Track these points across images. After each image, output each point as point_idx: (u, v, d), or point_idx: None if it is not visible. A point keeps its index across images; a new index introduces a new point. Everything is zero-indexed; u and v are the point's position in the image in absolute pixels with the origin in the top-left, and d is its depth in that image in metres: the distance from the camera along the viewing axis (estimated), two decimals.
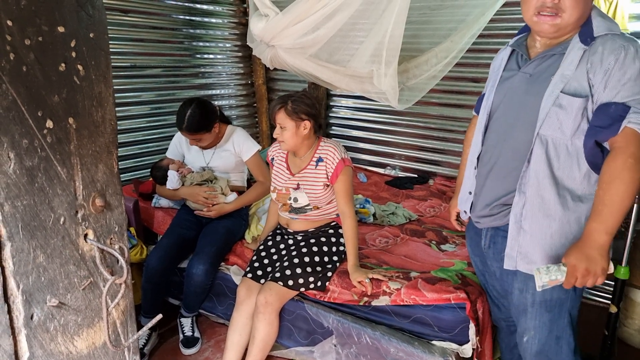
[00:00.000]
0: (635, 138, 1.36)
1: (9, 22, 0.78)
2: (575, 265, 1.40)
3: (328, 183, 2.27)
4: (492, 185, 1.65)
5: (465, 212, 1.82)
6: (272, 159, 2.47)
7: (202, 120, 2.57)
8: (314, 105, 2.26)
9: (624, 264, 2.14)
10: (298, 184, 2.31)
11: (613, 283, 2.20)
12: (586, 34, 1.44)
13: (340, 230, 2.40)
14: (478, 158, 1.71)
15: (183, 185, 2.72)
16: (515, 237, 1.57)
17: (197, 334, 2.66)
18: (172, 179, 2.70)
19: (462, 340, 2.02)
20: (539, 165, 1.50)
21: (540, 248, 1.53)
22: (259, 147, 2.79)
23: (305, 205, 2.32)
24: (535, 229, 1.53)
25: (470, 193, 1.75)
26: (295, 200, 2.31)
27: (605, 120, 1.39)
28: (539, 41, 1.55)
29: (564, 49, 1.48)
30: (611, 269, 1.44)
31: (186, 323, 2.67)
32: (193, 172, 2.77)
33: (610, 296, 2.23)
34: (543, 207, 1.51)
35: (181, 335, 2.64)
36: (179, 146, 2.86)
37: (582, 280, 1.41)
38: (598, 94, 1.41)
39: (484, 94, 1.81)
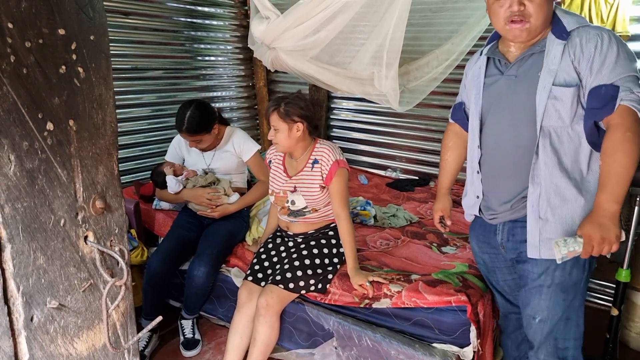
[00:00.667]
0: (629, 113, 1.46)
1: (10, 25, 0.78)
2: (591, 235, 1.49)
3: (324, 185, 2.27)
4: (506, 184, 1.71)
5: (475, 215, 1.87)
6: (270, 161, 2.47)
7: (202, 121, 2.56)
8: (308, 107, 2.25)
9: (625, 266, 2.14)
10: (295, 187, 2.31)
11: (614, 286, 2.20)
12: (560, 31, 1.57)
13: (339, 232, 2.39)
14: (479, 162, 1.76)
15: (185, 187, 2.72)
16: (535, 226, 1.63)
17: (197, 336, 2.66)
18: (172, 184, 2.69)
19: (463, 343, 2.02)
20: (546, 155, 1.58)
21: (564, 232, 1.60)
22: (258, 146, 2.79)
23: (303, 208, 2.31)
24: (555, 215, 1.60)
25: (477, 197, 1.80)
26: (293, 203, 2.31)
27: (600, 101, 1.50)
28: (514, 45, 1.66)
29: (542, 47, 1.59)
30: (623, 237, 1.51)
31: (187, 325, 2.67)
32: (198, 174, 2.77)
33: (612, 299, 2.22)
34: (559, 193, 1.59)
35: (182, 337, 2.64)
36: (179, 149, 2.86)
37: (598, 248, 1.49)
38: (586, 79, 1.52)
39: (460, 103, 1.96)
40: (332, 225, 2.41)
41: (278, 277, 2.24)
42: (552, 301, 1.66)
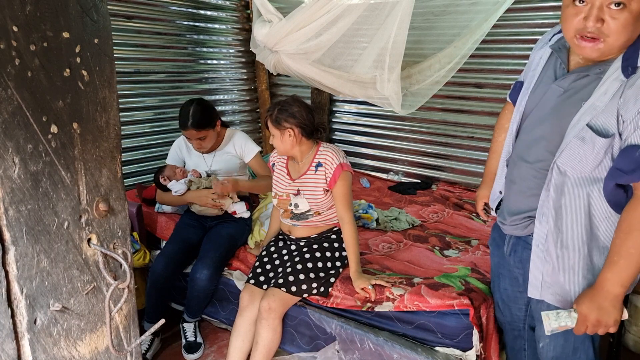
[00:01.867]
0: None
1: (15, 28, 0.79)
2: (587, 315, 1.37)
3: (327, 188, 2.27)
4: (515, 199, 1.61)
5: (493, 209, 1.80)
6: (273, 164, 2.47)
7: (206, 115, 2.58)
8: (300, 112, 2.22)
9: None
10: (298, 190, 2.31)
11: None
12: (629, 61, 1.29)
13: (342, 235, 2.39)
14: (507, 161, 1.67)
15: (189, 189, 2.73)
16: (539, 267, 1.52)
17: (199, 339, 2.65)
18: (175, 187, 2.70)
19: (466, 347, 2.01)
20: (556, 195, 1.43)
21: (565, 280, 1.49)
22: (259, 148, 2.81)
23: (306, 211, 2.31)
24: (556, 259, 1.48)
25: (500, 192, 1.72)
26: (296, 206, 2.31)
27: (629, 164, 1.28)
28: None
29: (602, 71, 1.34)
30: (625, 316, 1.40)
31: (189, 328, 2.66)
32: (201, 176, 2.78)
33: None
34: (561, 237, 1.45)
35: (183, 341, 2.64)
36: (179, 152, 2.86)
37: (593, 329, 1.38)
38: (627, 132, 1.28)
39: (521, 82, 1.69)
40: (334, 229, 2.41)
41: (280, 281, 2.24)
42: None
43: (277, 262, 2.39)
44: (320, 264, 2.28)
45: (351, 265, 2.22)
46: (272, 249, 2.45)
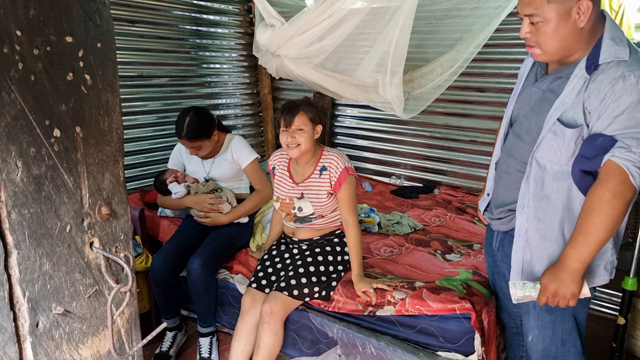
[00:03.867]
0: (615, 172, 1.35)
1: (18, 32, 0.79)
2: (547, 286, 1.47)
3: (332, 192, 2.27)
4: (501, 192, 1.70)
5: (480, 210, 1.87)
6: (274, 168, 2.46)
7: (201, 127, 2.57)
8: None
9: (631, 275, 2.12)
10: (302, 193, 2.31)
11: (621, 294, 2.18)
12: (591, 60, 1.42)
13: (345, 239, 2.39)
14: (497, 163, 1.76)
15: (188, 193, 2.73)
16: (520, 254, 1.61)
17: (214, 356, 2.55)
18: (175, 189, 2.71)
19: (468, 351, 2.01)
20: (535, 188, 1.52)
21: (540, 267, 1.57)
22: (257, 155, 2.77)
23: (310, 214, 2.31)
24: (535, 249, 1.57)
25: (487, 195, 1.81)
26: (300, 209, 2.31)
27: (590, 151, 1.40)
28: None
29: (571, 72, 1.46)
30: (585, 294, 1.48)
31: (204, 343, 2.59)
32: (199, 182, 2.78)
33: (618, 308, 2.21)
34: (539, 228, 1.54)
35: (197, 357, 2.56)
36: (179, 156, 2.87)
37: (552, 300, 1.48)
38: (592, 122, 1.40)
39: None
40: (337, 232, 2.41)
41: (282, 284, 2.24)
42: (541, 321, 1.64)
43: (279, 265, 2.39)
44: (322, 268, 2.28)
45: (353, 268, 2.22)
46: (274, 252, 2.45)
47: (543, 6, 1.37)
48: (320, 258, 2.30)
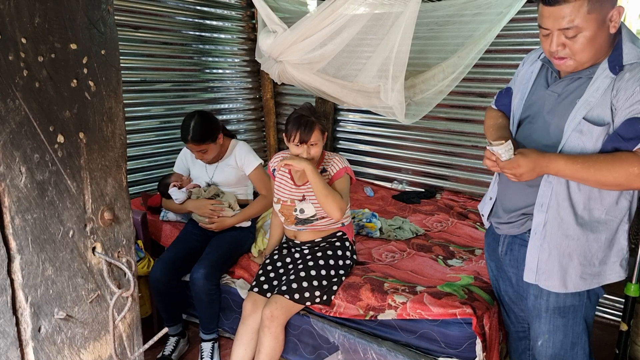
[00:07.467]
0: None
1: (23, 40, 0.80)
2: (518, 163, 1.47)
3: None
4: (514, 195, 1.70)
5: (483, 215, 1.87)
6: (274, 170, 2.47)
7: (207, 130, 2.59)
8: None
9: (634, 281, 2.11)
10: (304, 195, 2.32)
11: (624, 301, 2.17)
12: (615, 62, 1.46)
13: (346, 242, 2.40)
14: None
15: (190, 198, 2.74)
16: (535, 253, 1.61)
17: None
18: (175, 194, 2.73)
19: (469, 357, 2.00)
20: (559, 186, 1.54)
21: (559, 266, 1.57)
22: (261, 160, 2.79)
23: (312, 216, 2.32)
24: (554, 247, 1.57)
25: (490, 198, 1.81)
26: (302, 211, 2.32)
27: (630, 132, 1.41)
28: None
29: (592, 73, 1.50)
30: (524, 177, 1.49)
31: (206, 349, 2.59)
32: (200, 187, 2.79)
33: (621, 314, 2.20)
34: (562, 227, 1.55)
35: None
36: (185, 161, 2.88)
37: (508, 172, 1.50)
38: (621, 111, 1.43)
39: (508, 88, 1.87)
40: (338, 233, 2.41)
41: (284, 288, 2.24)
42: (552, 325, 1.64)
43: (280, 269, 2.39)
44: (323, 272, 2.28)
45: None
46: (276, 256, 2.46)
47: (584, 17, 1.39)
48: (321, 262, 2.30)
